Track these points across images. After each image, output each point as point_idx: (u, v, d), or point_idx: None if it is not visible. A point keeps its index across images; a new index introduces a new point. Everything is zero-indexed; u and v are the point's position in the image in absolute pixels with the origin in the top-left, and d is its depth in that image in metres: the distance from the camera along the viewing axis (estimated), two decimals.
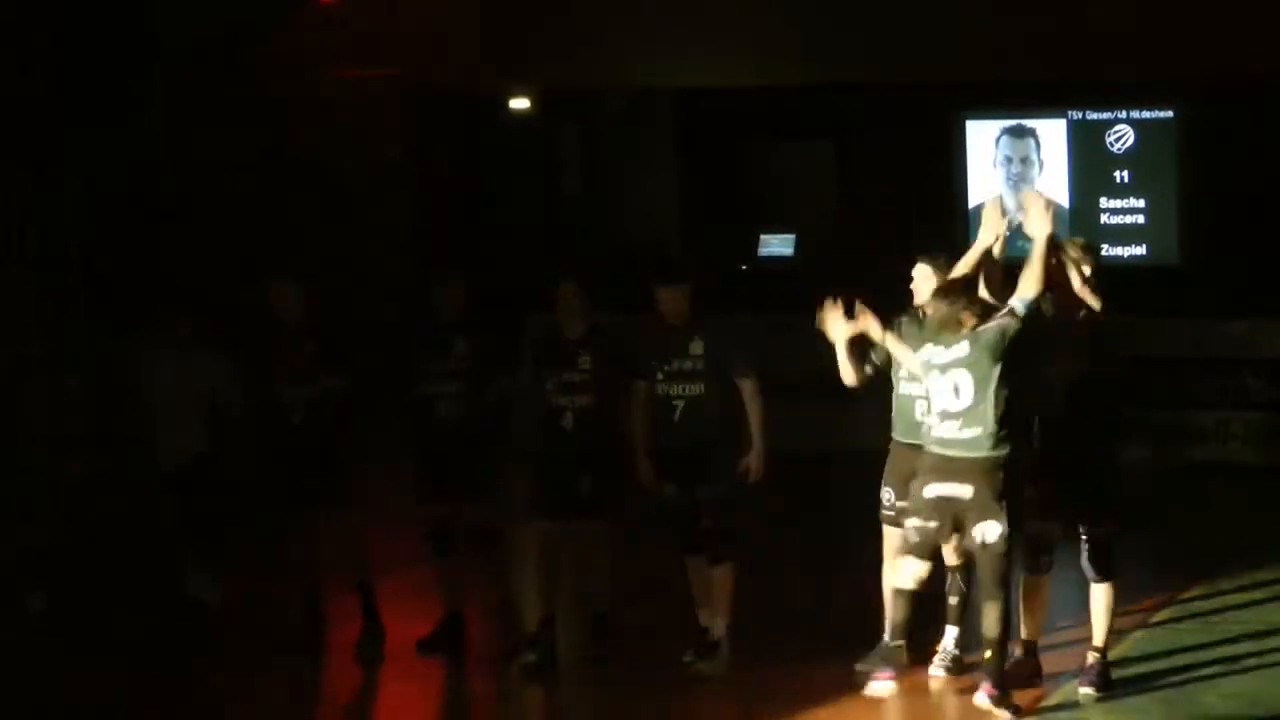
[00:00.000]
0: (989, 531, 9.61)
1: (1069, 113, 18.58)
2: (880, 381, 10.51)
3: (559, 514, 10.92)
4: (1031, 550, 10.24)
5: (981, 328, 9.74)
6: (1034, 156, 18.72)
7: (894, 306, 10.54)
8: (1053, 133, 18.68)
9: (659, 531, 10.94)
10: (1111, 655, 10.32)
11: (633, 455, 10.76)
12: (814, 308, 10.59)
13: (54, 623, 11.95)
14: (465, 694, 11.18)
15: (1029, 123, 18.74)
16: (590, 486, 10.82)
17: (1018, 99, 18.67)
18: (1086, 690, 10.11)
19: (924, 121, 18.77)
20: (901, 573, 9.81)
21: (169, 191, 20.73)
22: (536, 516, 11.02)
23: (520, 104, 20.40)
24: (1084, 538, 10.15)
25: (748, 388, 10.65)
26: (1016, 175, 18.82)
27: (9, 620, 12.02)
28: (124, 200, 20.91)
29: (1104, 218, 18.58)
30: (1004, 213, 10.55)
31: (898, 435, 10.50)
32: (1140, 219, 18.47)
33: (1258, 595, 12.11)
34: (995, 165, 18.83)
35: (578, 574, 11.16)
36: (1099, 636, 10.24)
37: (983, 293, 10.16)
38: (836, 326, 10.29)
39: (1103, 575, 10.17)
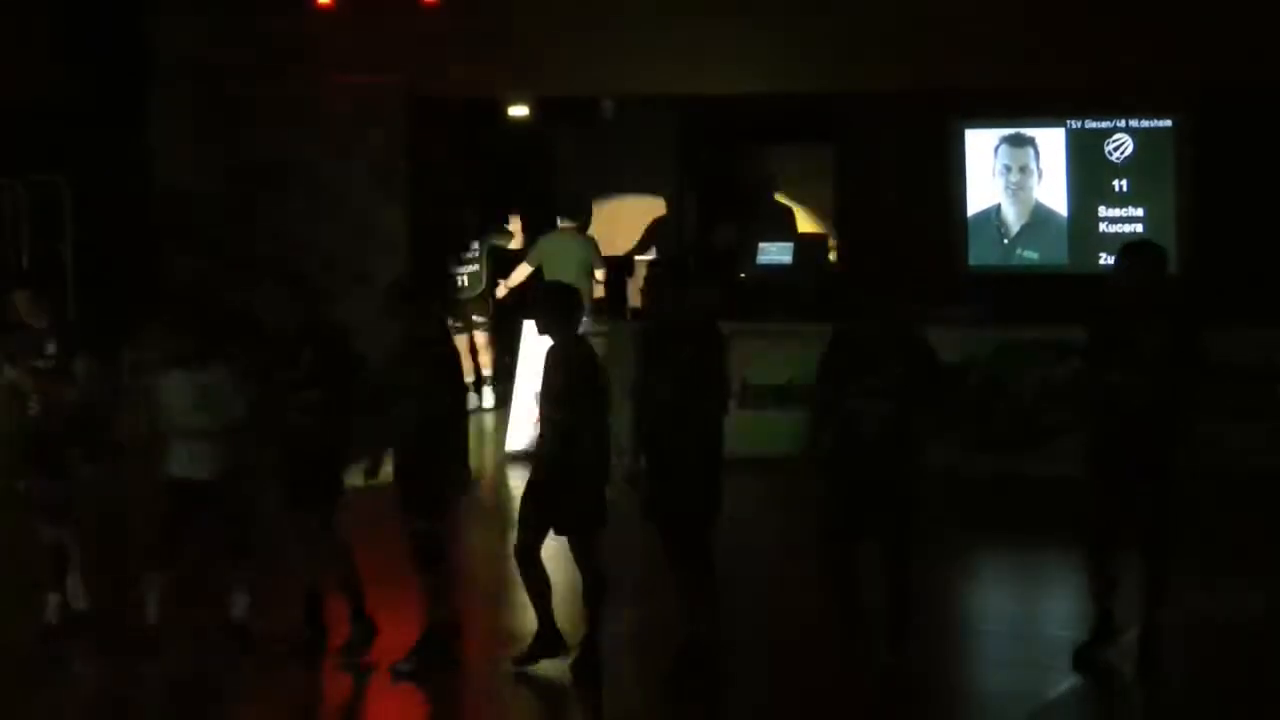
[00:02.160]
0: None
1: (1068, 121, 18.59)
2: None
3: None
4: None
5: None
6: (1033, 165, 18.73)
7: None
8: (1051, 141, 18.69)
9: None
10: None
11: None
12: (812, 316, 10.64)
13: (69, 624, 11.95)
14: (450, 699, 11.19)
15: (1028, 131, 18.75)
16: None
17: (1017, 107, 18.68)
18: None
19: (923, 130, 18.78)
20: None
21: (165, 199, 20.77)
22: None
23: (519, 111, 20.42)
24: None
25: None
26: (1015, 184, 18.83)
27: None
28: (119, 207, 20.95)
29: (1102, 226, 18.59)
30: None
31: None
32: (1139, 228, 18.47)
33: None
34: (994, 174, 18.85)
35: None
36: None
37: None
38: None
39: None
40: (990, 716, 10.49)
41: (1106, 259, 18.47)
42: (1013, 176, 18.77)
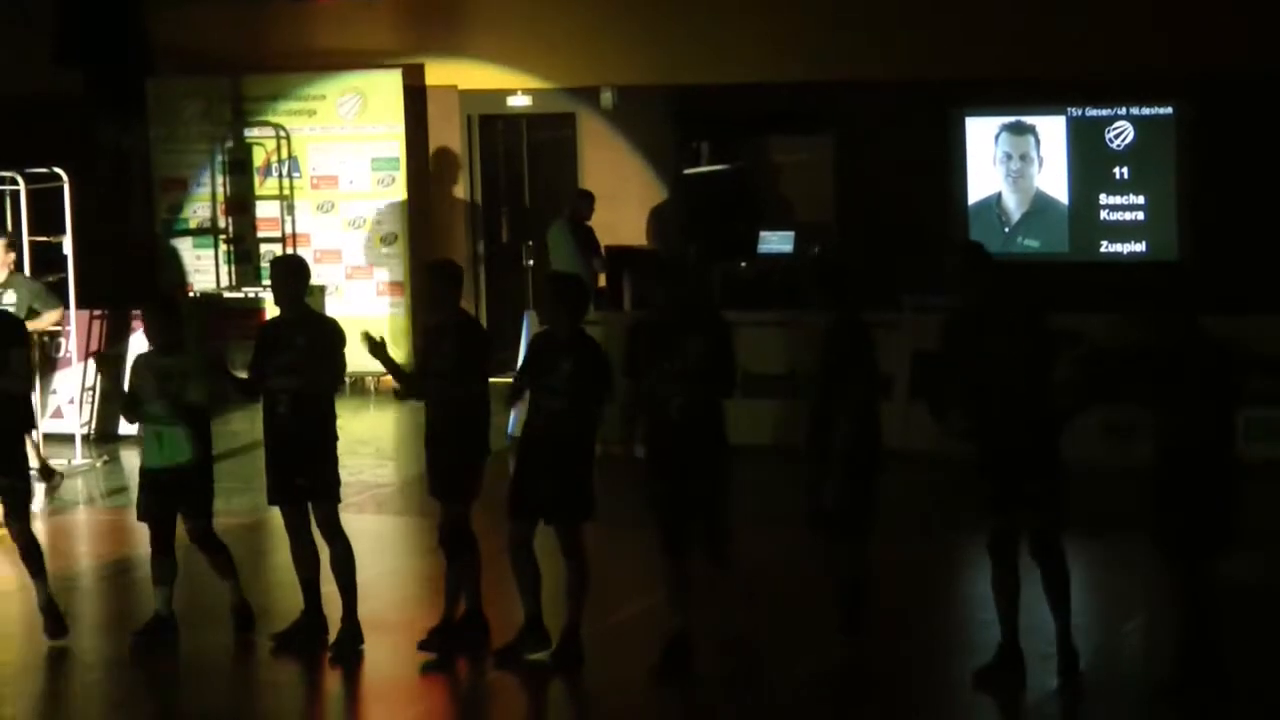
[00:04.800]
0: None
1: (1069, 109, 18.56)
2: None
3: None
4: None
5: None
6: (1033, 153, 18.70)
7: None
8: (1052, 129, 18.66)
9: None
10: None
11: None
12: (814, 305, 10.66)
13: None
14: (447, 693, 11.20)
15: (1028, 119, 18.72)
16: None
17: (1018, 95, 18.64)
18: None
19: (924, 118, 18.74)
20: None
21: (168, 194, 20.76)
22: None
23: (520, 101, 20.39)
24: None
25: None
26: (1016, 172, 18.80)
27: None
28: (121, 202, 20.94)
29: (1103, 214, 18.56)
30: None
31: None
32: (1140, 215, 18.46)
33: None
34: (995, 162, 18.82)
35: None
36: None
37: None
38: None
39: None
40: (991, 707, 10.48)
41: (1108, 247, 18.48)
42: (1013, 164, 18.75)
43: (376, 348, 11.05)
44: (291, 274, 11.43)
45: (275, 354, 11.24)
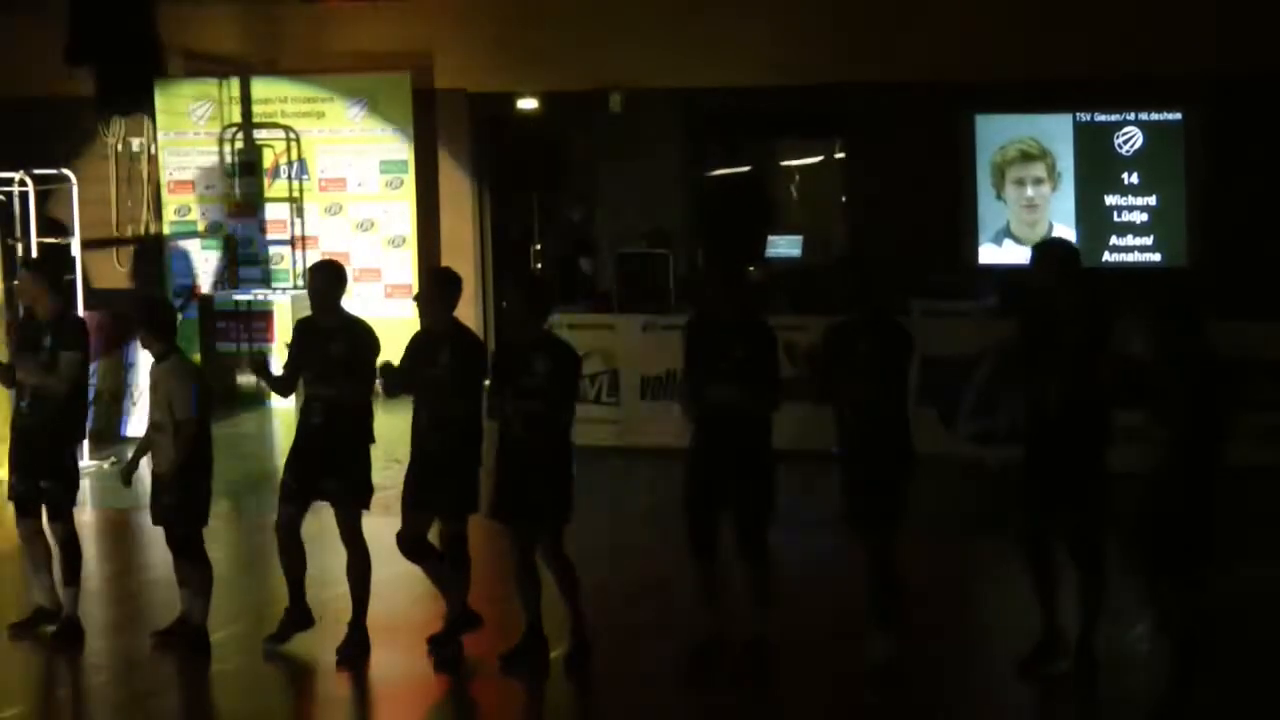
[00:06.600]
0: None
1: (1077, 114, 18.54)
2: None
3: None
4: None
5: None
6: (1046, 181, 18.64)
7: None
8: (1060, 133, 18.63)
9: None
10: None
11: None
12: (822, 309, 10.68)
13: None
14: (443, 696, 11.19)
15: (1042, 141, 18.59)
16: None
17: (1026, 100, 18.63)
18: None
19: (932, 122, 18.74)
20: None
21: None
22: None
23: (528, 104, 20.41)
24: None
25: None
26: (1028, 200, 18.70)
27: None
28: (129, 204, 20.99)
29: (1112, 218, 18.55)
30: None
31: None
32: (1149, 220, 18.44)
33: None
34: (1006, 184, 18.67)
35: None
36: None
37: None
38: None
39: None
40: (994, 706, 10.47)
41: (1116, 254, 18.46)
42: (1027, 190, 18.68)
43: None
44: (329, 280, 11.35)
45: (312, 360, 11.17)
